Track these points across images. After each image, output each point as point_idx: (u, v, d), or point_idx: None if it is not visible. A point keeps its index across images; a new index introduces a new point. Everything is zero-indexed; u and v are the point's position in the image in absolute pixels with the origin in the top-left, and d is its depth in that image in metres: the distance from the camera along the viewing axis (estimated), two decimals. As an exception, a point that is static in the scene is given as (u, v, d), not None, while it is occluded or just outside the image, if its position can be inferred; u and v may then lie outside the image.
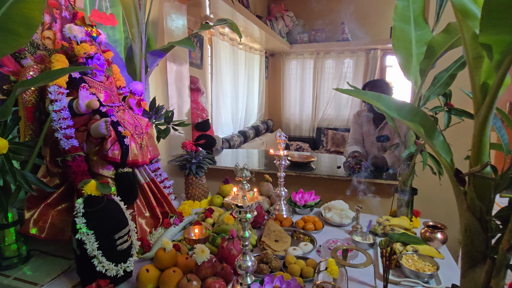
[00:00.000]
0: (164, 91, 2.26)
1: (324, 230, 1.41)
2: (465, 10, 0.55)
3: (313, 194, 1.64)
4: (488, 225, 0.63)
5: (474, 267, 0.66)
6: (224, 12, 3.02)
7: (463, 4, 0.55)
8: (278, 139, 1.51)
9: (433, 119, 1.33)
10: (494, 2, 0.46)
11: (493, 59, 0.54)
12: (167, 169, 2.30)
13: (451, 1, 0.55)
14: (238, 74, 4.01)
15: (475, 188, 0.63)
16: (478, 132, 0.61)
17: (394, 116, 0.75)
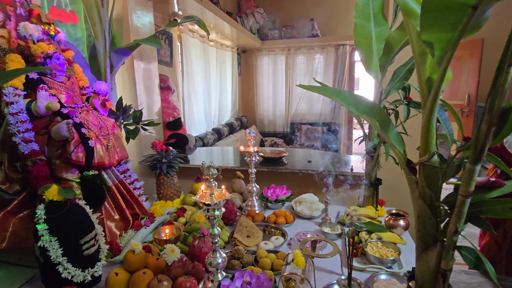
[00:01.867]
0: (132, 90, 2.21)
1: (295, 223, 1.45)
2: (408, 10, 0.58)
3: (284, 188, 1.67)
4: (438, 211, 0.68)
5: (427, 250, 0.70)
6: (193, 9, 2.98)
7: (406, 3, 0.58)
8: (248, 136, 1.52)
9: (393, 112, 1.40)
10: (431, 3, 0.49)
11: (435, 56, 0.58)
12: (138, 170, 2.25)
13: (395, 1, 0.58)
14: (209, 71, 3.98)
15: (424, 177, 0.67)
16: (425, 124, 0.65)
17: (353, 111, 0.78)
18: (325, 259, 1.09)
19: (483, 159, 0.58)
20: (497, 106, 0.54)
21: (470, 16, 0.49)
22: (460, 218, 0.63)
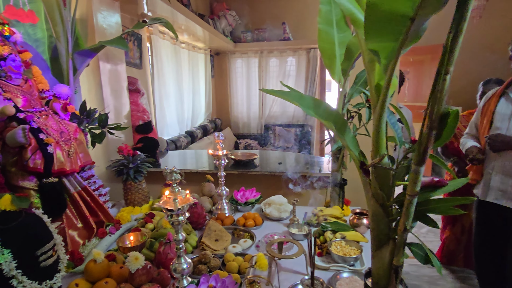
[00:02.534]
0: (98, 93, 2.14)
1: (264, 225, 1.46)
2: (355, 20, 0.61)
3: (254, 191, 1.68)
4: (389, 210, 0.71)
5: (381, 248, 0.74)
6: (163, 10, 2.93)
7: (353, 14, 0.61)
8: (216, 139, 1.52)
9: (356, 115, 1.45)
10: (373, 14, 0.52)
11: (382, 63, 0.61)
12: (106, 176, 2.18)
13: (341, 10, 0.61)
14: (181, 74, 3.93)
15: (376, 178, 0.70)
16: (375, 128, 0.68)
17: (312, 115, 0.80)
18: (291, 259, 1.11)
19: (425, 161, 0.62)
20: (436, 111, 0.58)
21: (409, 27, 0.52)
22: (408, 217, 0.67)
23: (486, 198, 1.69)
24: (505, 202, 1.60)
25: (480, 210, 1.77)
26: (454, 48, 0.53)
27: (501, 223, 1.67)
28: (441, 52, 2.10)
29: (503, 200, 1.60)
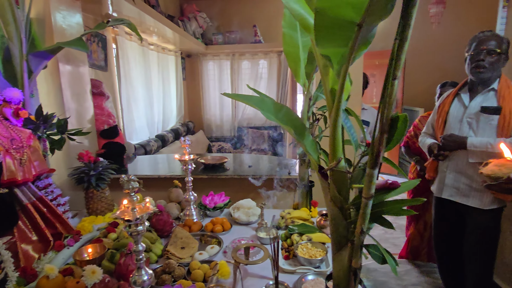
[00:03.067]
0: (57, 96, 2.03)
1: (233, 230, 1.45)
2: (306, 25, 0.61)
3: (223, 195, 1.66)
4: (347, 213, 0.72)
5: (340, 251, 0.74)
6: (129, 11, 2.85)
7: (303, 18, 0.61)
8: (182, 143, 1.49)
9: (322, 117, 1.47)
10: (322, 20, 0.52)
11: (334, 68, 0.62)
12: (68, 184, 2.07)
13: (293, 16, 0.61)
14: (150, 76, 3.83)
15: (334, 181, 0.71)
16: (331, 132, 0.69)
17: (272, 119, 0.80)
18: (258, 264, 1.10)
19: (379, 164, 0.63)
20: (386, 115, 0.59)
21: (357, 33, 0.53)
22: (365, 219, 0.68)
23: (441, 195, 1.78)
24: (458, 199, 1.69)
25: (437, 206, 1.85)
26: (401, 54, 0.54)
27: (457, 218, 1.77)
28: None
29: (457, 196, 1.69)
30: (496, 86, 1.58)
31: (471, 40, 1.62)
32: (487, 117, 1.56)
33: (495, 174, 1.00)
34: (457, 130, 1.66)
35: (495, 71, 1.57)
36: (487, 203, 1.58)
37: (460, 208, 1.70)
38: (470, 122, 1.62)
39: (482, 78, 1.59)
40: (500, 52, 1.54)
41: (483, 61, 1.54)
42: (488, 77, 1.58)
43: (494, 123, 1.53)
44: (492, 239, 1.64)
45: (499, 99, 1.54)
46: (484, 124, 1.56)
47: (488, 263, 1.67)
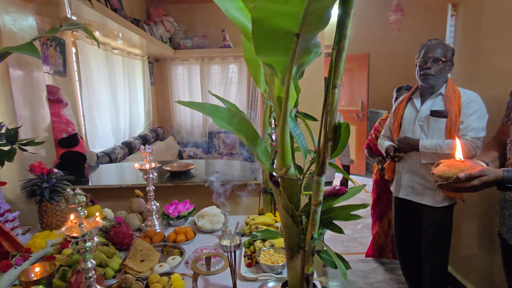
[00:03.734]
0: (8, 104, 1.90)
1: (197, 239, 1.42)
2: (247, 34, 0.61)
3: (187, 203, 1.63)
4: (299, 220, 0.72)
5: (293, 258, 0.74)
6: (90, 14, 2.74)
7: (245, 28, 0.61)
8: (143, 152, 1.44)
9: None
10: (260, 29, 0.52)
11: (279, 77, 0.62)
12: (22, 198, 1.93)
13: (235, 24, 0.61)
14: (115, 81, 3.71)
15: (285, 189, 0.71)
16: (280, 139, 0.69)
17: (225, 127, 0.79)
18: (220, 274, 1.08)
19: (325, 171, 0.64)
20: (329, 123, 0.60)
21: (296, 43, 0.54)
22: (314, 226, 0.68)
23: (398, 194, 1.86)
24: (414, 198, 1.78)
25: (396, 205, 1.94)
26: (339, 63, 0.55)
27: (414, 216, 1.85)
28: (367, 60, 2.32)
29: (413, 195, 1.78)
30: (444, 90, 1.68)
31: (420, 48, 1.72)
32: (436, 120, 1.65)
33: (445, 174, 1.05)
34: (410, 133, 1.74)
35: (441, 77, 1.67)
36: (439, 201, 1.67)
37: (416, 206, 1.78)
38: (422, 125, 1.71)
39: (430, 85, 1.68)
40: (446, 60, 1.64)
41: (430, 68, 1.64)
42: (435, 83, 1.68)
43: (442, 126, 1.63)
44: (446, 234, 1.73)
45: (446, 103, 1.63)
46: (434, 126, 1.66)
47: (443, 256, 1.76)
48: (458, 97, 1.62)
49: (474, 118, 1.58)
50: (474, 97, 1.63)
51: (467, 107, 1.61)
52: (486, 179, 1.01)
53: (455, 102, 1.61)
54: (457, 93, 1.64)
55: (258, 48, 0.55)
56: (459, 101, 1.61)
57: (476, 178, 1.01)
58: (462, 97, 1.63)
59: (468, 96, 1.64)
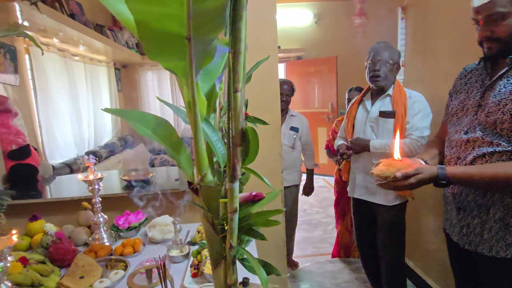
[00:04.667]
0: None
1: (146, 250, 1.37)
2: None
3: (140, 213, 1.57)
4: (219, 229, 0.70)
5: (217, 268, 0.72)
6: (44, 20, 2.63)
7: (134, 28, 0.59)
8: (87, 162, 1.38)
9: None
10: (145, 33, 0.49)
11: (183, 82, 0.60)
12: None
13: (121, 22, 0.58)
14: (76, 89, 3.58)
15: (204, 197, 0.69)
16: (195, 147, 0.66)
17: (149, 136, 0.76)
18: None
19: (238, 177, 0.62)
20: (235, 128, 0.59)
21: (190, 46, 0.52)
22: (233, 234, 0.66)
23: (354, 195, 1.89)
24: (368, 197, 1.81)
25: (353, 205, 1.98)
26: (237, 67, 0.54)
27: (369, 214, 1.89)
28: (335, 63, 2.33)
29: (366, 195, 1.82)
30: (391, 92, 1.73)
31: (370, 50, 1.76)
32: (384, 120, 1.69)
33: (383, 173, 1.06)
34: (362, 134, 1.78)
35: (389, 79, 1.72)
36: (391, 200, 1.71)
37: (371, 205, 1.82)
38: (372, 125, 1.75)
39: (379, 86, 1.73)
40: (393, 63, 1.69)
41: (378, 70, 1.68)
42: (384, 84, 1.72)
43: (391, 126, 1.68)
44: (399, 231, 1.77)
45: (394, 104, 1.68)
46: (383, 127, 1.69)
47: (398, 253, 1.81)
48: (404, 97, 1.68)
49: (418, 118, 1.63)
50: (418, 97, 1.68)
51: (412, 108, 1.66)
52: (422, 176, 1.03)
53: (401, 103, 1.66)
54: (403, 94, 1.69)
55: (149, 51, 0.52)
56: (405, 101, 1.66)
57: (412, 176, 1.03)
58: (408, 98, 1.68)
59: (413, 96, 1.70)
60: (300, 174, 2.74)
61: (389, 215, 1.74)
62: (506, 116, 1.01)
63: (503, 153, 1.03)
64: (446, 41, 1.99)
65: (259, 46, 1.84)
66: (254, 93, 1.80)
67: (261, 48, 1.83)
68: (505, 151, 1.03)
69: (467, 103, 1.16)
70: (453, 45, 1.94)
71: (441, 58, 2.01)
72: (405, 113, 1.64)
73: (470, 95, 1.17)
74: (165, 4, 0.46)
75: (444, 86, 1.96)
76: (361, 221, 1.96)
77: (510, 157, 1.02)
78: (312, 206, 4.15)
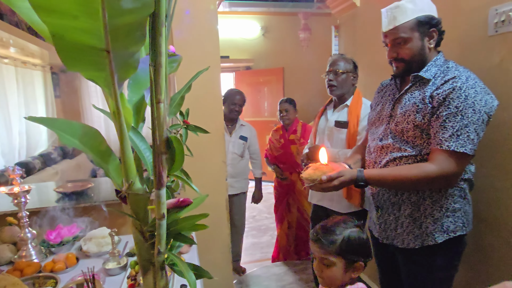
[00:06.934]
0: None
1: (80, 265, 1.30)
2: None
3: (74, 227, 1.50)
4: (148, 235, 0.71)
5: (146, 275, 0.73)
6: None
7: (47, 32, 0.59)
8: (11, 174, 1.29)
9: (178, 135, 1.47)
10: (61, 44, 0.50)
11: (106, 92, 0.61)
12: None
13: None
14: (5, 95, 3.27)
15: (132, 204, 0.70)
16: (122, 155, 0.67)
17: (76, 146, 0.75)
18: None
19: (164, 184, 0.65)
20: (159, 136, 0.62)
21: (109, 59, 0.54)
22: (161, 240, 0.68)
23: (312, 200, 1.98)
24: (325, 203, 1.89)
25: (312, 211, 2.05)
26: (158, 79, 0.57)
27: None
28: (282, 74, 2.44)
29: (324, 201, 1.90)
30: (349, 102, 1.84)
31: (328, 61, 1.88)
32: (338, 130, 1.80)
33: (311, 176, 1.16)
34: (321, 142, 1.89)
35: (346, 88, 1.82)
36: (345, 207, 1.80)
37: (329, 212, 1.88)
38: (329, 134, 1.86)
39: (335, 95, 1.85)
40: (347, 72, 1.80)
41: (332, 80, 1.80)
42: (341, 93, 1.83)
43: (344, 136, 1.78)
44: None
45: (349, 115, 1.79)
46: (337, 136, 1.80)
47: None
48: (359, 109, 1.77)
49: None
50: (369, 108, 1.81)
51: (364, 119, 1.73)
52: (343, 179, 1.14)
53: (355, 114, 1.76)
54: (359, 105, 1.79)
55: (66, 62, 0.53)
56: (359, 113, 1.77)
57: (335, 179, 1.14)
58: (363, 108, 1.78)
59: (366, 107, 1.77)
60: (248, 182, 2.80)
61: None
62: (410, 126, 1.17)
63: (409, 157, 1.19)
64: (371, 57, 2.21)
65: (201, 56, 1.88)
66: (197, 102, 1.82)
67: (204, 58, 1.87)
68: (410, 156, 1.18)
69: (382, 114, 1.32)
70: (376, 62, 2.16)
71: (368, 73, 2.23)
72: (357, 124, 1.74)
73: (384, 107, 1.33)
74: (77, 18, 0.47)
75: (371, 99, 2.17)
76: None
77: (414, 160, 1.18)
78: (261, 212, 4.23)
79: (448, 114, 1.10)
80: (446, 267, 1.25)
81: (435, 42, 1.23)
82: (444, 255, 1.23)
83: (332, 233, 1.03)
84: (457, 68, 1.18)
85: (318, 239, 1.03)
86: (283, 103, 2.73)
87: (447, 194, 1.19)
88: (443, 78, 1.16)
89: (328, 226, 1.06)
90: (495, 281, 1.40)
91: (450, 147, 1.08)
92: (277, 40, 5.16)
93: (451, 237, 1.20)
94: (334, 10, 2.54)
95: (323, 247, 1.02)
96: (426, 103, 1.16)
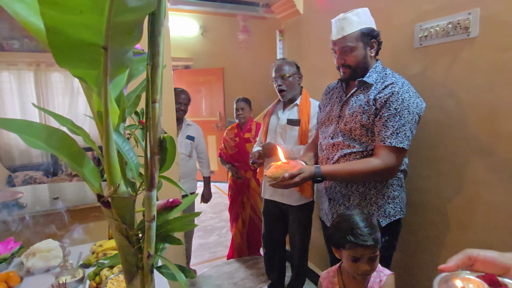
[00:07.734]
0: None
1: (26, 284, 1.16)
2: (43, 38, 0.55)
3: (12, 242, 1.32)
4: (135, 240, 0.69)
5: (132, 281, 0.70)
6: None
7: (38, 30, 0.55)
8: None
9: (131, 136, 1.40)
10: (56, 39, 0.47)
11: (94, 90, 0.58)
12: None
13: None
14: None
15: (117, 209, 0.67)
16: (106, 157, 0.64)
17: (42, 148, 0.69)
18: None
19: (155, 185, 0.64)
20: (153, 137, 0.61)
21: (106, 56, 0.51)
22: (150, 242, 0.67)
23: (264, 196, 2.08)
24: (277, 198, 2.02)
25: (264, 206, 2.16)
26: (155, 79, 0.57)
27: (280, 214, 2.10)
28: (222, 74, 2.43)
29: (276, 196, 2.02)
30: (299, 101, 1.98)
31: (272, 68, 1.98)
32: (291, 128, 1.93)
33: (274, 175, 1.23)
34: (273, 139, 1.99)
35: (294, 89, 1.96)
36: (296, 200, 1.95)
37: (280, 205, 2.02)
38: (281, 132, 1.97)
39: (287, 99, 1.97)
40: (293, 74, 1.93)
41: (281, 85, 1.92)
42: (291, 96, 1.96)
43: (296, 133, 1.92)
44: (305, 228, 2.04)
45: (299, 113, 1.93)
46: (290, 134, 1.93)
47: (304, 248, 2.07)
48: (309, 107, 1.93)
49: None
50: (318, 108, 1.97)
51: (314, 117, 1.87)
52: (304, 175, 1.25)
53: (305, 112, 1.91)
54: (308, 104, 1.94)
55: (59, 59, 0.49)
56: (309, 111, 1.92)
57: (296, 175, 1.23)
58: (312, 107, 1.93)
59: (314, 106, 1.93)
60: (196, 182, 2.77)
61: (297, 214, 1.97)
62: (357, 125, 1.33)
63: (357, 153, 1.35)
64: (314, 62, 2.39)
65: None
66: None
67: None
68: (358, 151, 1.35)
69: (332, 114, 1.47)
70: (319, 66, 2.35)
71: (311, 76, 2.40)
72: (308, 122, 1.89)
73: (333, 108, 1.48)
74: (82, 13, 0.45)
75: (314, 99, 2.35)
76: (270, 219, 2.14)
77: (362, 156, 1.34)
78: (206, 212, 4.21)
79: (389, 115, 1.27)
80: (388, 247, 1.44)
81: (375, 51, 1.40)
82: (386, 237, 1.41)
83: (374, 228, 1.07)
84: (393, 74, 1.37)
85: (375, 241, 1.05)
86: (240, 102, 2.79)
87: (388, 183, 1.37)
88: (383, 84, 1.33)
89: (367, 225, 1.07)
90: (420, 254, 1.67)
91: (391, 143, 1.26)
92: (216, 40, 5.16)
93: (392, 220, 1.39)
94: (279, 16, 2.67)
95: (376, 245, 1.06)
96: (370, 105, 1.32)
